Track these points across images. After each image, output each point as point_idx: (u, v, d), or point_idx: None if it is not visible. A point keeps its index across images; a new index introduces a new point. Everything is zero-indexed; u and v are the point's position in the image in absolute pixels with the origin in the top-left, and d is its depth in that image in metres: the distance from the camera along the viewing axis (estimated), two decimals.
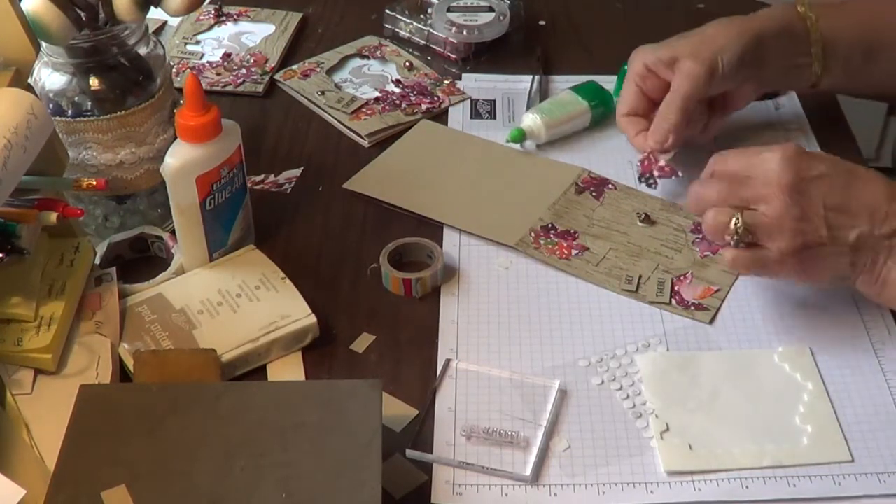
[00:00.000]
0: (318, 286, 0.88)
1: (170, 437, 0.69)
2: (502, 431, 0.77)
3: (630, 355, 0.83)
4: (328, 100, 1.11)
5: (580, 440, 0.77)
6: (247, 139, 0.88)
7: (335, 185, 1.00)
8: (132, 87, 0.88)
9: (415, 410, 0.79)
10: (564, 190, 0.99)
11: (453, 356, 0.83)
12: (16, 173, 0.74)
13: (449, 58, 1.18)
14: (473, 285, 0.90)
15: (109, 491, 0.65)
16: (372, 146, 1.06)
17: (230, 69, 1.16)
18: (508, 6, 1.20)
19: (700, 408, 0.79)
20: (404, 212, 0.97)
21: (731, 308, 0.87)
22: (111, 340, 0.80)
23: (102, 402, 0.72)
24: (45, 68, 0.87)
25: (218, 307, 0.84)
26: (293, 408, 0.71)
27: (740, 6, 1.03)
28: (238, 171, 0.87)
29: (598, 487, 0.74)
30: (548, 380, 0.81)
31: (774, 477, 0.74)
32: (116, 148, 0.88)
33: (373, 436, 0.69)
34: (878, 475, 0.74)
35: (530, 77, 1.14)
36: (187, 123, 0.82)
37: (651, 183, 0.98)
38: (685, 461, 0.75)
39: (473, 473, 0.74)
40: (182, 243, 0.88)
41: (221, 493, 0.65)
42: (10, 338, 0.78)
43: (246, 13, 1.26)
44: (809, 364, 0.82)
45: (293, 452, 0.68)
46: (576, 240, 0.93)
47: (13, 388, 0.77)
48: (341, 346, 0.84)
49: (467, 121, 1.10)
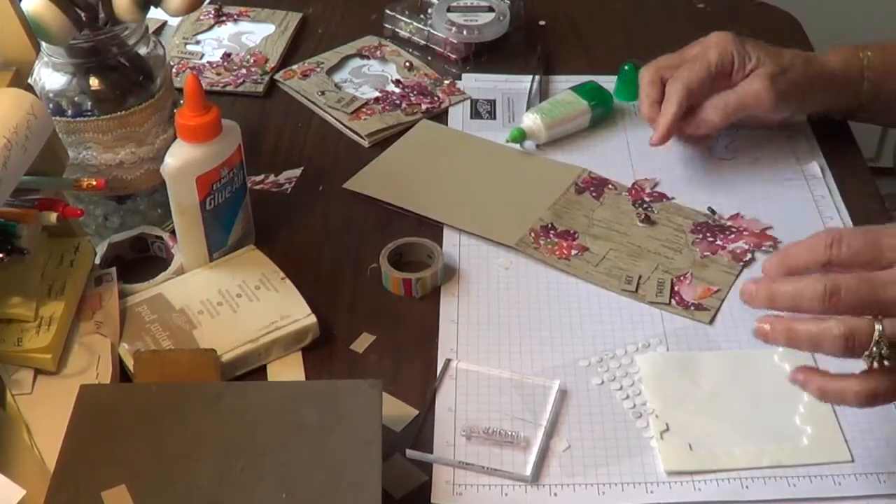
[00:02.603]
0: (318, 286, 0.88)
1: (170, 437, 0.69)
2: (502, 431, 0.77)
3: (630, 355, 0.83)
4: (328, 100, 1.11)
5: (580, 440, 0.77)
6: (247, 139, 0.88)
7: (335, 185, 1.00)
8: (132, 87, 0.88)
9: (415, 410, 0.79)
10: (564, 190, 0.99)
11: (453, 356, 0.83)
12: (16, 173, 0.74)
13: (449, 58, 1.18)
14: (473, 285, 0.90)
15: (109, 491, 0.65)
16: (372, 146, 1.06)
17: (230, 69, 1.16)
18: (508, 6, 1.20)
19: (700, 408, 0.79)
20: (404, 212, 0.97)
21: (731, 308, 0.87)
22: (111, 340, 0.80)
23: (102, 402, 0.72)
24: (45, 68, 0.87)
25: (218, 307, 0.84)
26: (293, 408, 0.71)
27: (740, 6, 1.04)
28: (238, 171, 0.87)
29: (598, 487, 0.74)
30: (548, 380, 0.81)
31: (774, 477, 0.74)
32: (116, 148, 0.88)
33: (373, 436, 0.69)
34: (878, 475, 0.74)
35: (530, 77, 1.14)
36: (187, 123, 0.82)
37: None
38: (685, 461, 0.75)
39: (473, 473, 0.74)
40: (182, 243, 0.88)
41: (221, 493, 0.65)
42: (10, 338, 0.78)
43: (246, 13, 1.26)
44: (809, 364, 0.82)
45: (293, 452, 0.68)
46: (576, 240, 0.93)
47: (13, 388, 0.77)
48: (341, 346, 0.84)
49: (467, 121, 1.10)
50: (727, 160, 1.04)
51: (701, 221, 0.95)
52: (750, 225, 0.95)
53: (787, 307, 0.63)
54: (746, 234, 0.94)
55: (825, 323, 0.62)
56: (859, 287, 0.61)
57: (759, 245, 0.93)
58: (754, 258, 0.92)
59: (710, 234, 0.94)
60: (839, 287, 0.61)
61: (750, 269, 0.91)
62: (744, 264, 0.91)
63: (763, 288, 0.65)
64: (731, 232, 0.94)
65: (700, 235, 0.93)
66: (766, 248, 0.92)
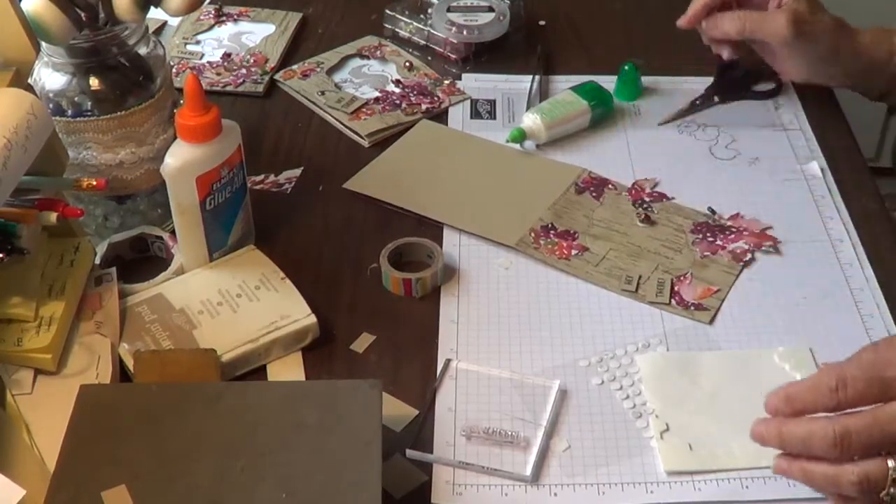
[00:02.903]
0: (318, 286, 0.88)
1: (170, 437, 0.69)
2: (502, 431, 0.77)
3: (630, 355, 0.83)
4: (328, 100, 1.11)
5: (580, 440, 0.77)
6: (247, 139, 0.88)
7: (335, 185, 1.00)
8: (132, 87, 0.88)
9: (415, 410, 0.79)
10: (564, 190, 0.99)
11: (453, 356, 0.83)
12: (16, 173, 0.74)
13: (449, 58, 1.18)
14: (473, 285, 0.90)
15: (109, 491, 0.65)
16: (372, 146, 1.06)
17: (230, 69, 1.16)
18: (508, 6, 1.20)
19: (700, 408, 0.79)
20: (404, 212, 0.97)
21: (731, 308, 0.87)
22: (111, 340, 0.80)
23: (102, 402, 0.72)
24: (45, 68, 0.87)
25: (218, 307, 0.84)
26: (293, 408, 0.71)
27: None
28: (238, 171, 0.87)
29: (598, 487, 0.74)
30: (548, 380, 0.81)
31: (774, 477, 0.74)
32: (116, 148, 0.88)
33: (373, 436, 0.69)
34: None
35: (530, 77, 1.14)
36: (187, 123, 0.82)
37: None
38: (685, 461, 0.75)
39: (473, 473, 0.74)
40: (182, 243, 0.88)
41: (221, 493, 0.65)
42: (10, 338, 0.78)
43: (246, 13, 1.26)
44: (809, 364, 0.82)
45: (293, 452, 0.68)
46: (576, 240, 0.93)
47: (13, 388, 0.77)
48: (341, 346, 0.84)
49: (467, 121, 1.10)
50: (727, 160, 1.04)
51: (701, 221, 0.95)
52: (750, 225, 0.95)
53: (798, 450, 0.64)
54: (746, 234, 0.94)
55: (841, 467, 0.62)
56: (870, 429, 0.62)
57: (759, 245, 0.93)
58: (754, 258, 0.92)
59: (710, 234, 0.94)
60: (849, 431, 0.62)
61: (750, 269, 0.91)
62: (744, 264, 0.91)
63: (773, 429, 0.66)
64: (731, 232, 0.94)
65: (700, 235, 0.93)
66: (766, 248, 0.92)
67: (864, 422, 0.62)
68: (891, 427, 0.62)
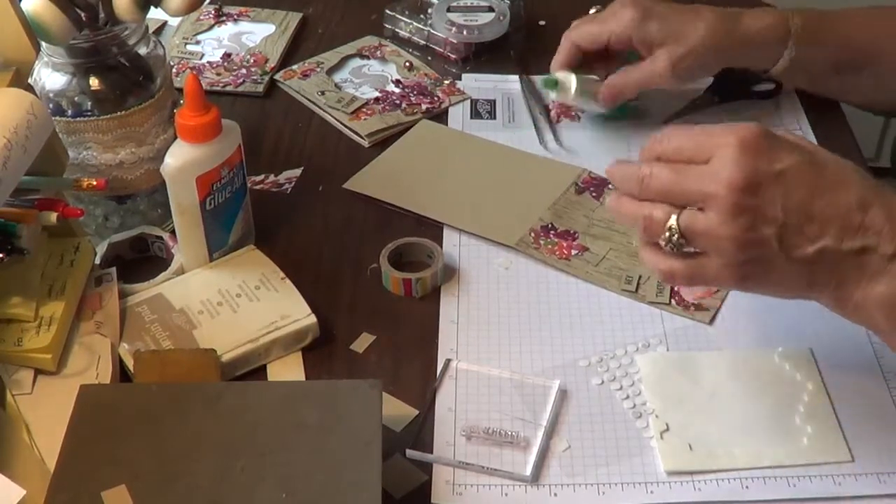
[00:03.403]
0: (318, 286, 0.88)
1: (170, 437, 0.69)
2: (502, 431, 0.77)
3: (630, 355, 0.83)
4: (328, 100, 1.11)
5: (580, 440, 0.77)
6: (247, 139, 0.88)
7: (335, 185, 1.00)
8: (132, 87, 0.88)
9: (415, 410, 0.79)
10: (564, 190, 0.99)
11: (453, 356, 0.83)
12: (16, 173, 0.74)
13: (449, 58, 1.18)
14: (473, 285, 0.90)
15: (109, 491, 0.65)
16: (372, 146, 1.06)
17: (230, 69, 1.16)
18: (508, 6, 1.20)
19: (700, 408, 0.79)
20: (404, 212, 0.97)
21: (731, 308, 0.87)
22: (111, 340, 0.80)
23: (102, 402, 0.72)
24: (45, 68, 0.87)
25: (218, 307, 0.84)
26: (293, 408, 0.71)
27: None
28: (238, 171, 0.87)
29: (598, 487, 0.74)
30: (548, 380, 0.81)
31: (774, 477, 0.74)
32: (116, 148, 0.88)
33: (373, 436, 0.69)
34: (878, 475, 0.74)
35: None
36: (187, 123, 0.82)
37: None
38: (685, 461, 0.75)
39: (473, 473, 0.74)
40: (182, 243, 0.88)
41: (221, 493, 0.65)
42: (10, 338, 0.78)
43: (246, 13, 1.26)
44: (809, 364, 0.82)
45: (293, 452, 0.68)
46: (575, 240, 0.93)
47: (13, 388, 0.77)
48: (341, 346, 0.84)
49: (467, 121, 1.10)
50: None
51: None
52: None
53: (617, 185, 0.72)
54: None
55: (640, 204, 0.69)
56: (670, 178, 0.68)
57: None
58: None
59: None
60: (653, 175, 0.68)
61: None
62: None
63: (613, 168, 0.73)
64: None
65: None
66: None
67: (668, 171, 0.68)
68: (687, 184, 0.67)
